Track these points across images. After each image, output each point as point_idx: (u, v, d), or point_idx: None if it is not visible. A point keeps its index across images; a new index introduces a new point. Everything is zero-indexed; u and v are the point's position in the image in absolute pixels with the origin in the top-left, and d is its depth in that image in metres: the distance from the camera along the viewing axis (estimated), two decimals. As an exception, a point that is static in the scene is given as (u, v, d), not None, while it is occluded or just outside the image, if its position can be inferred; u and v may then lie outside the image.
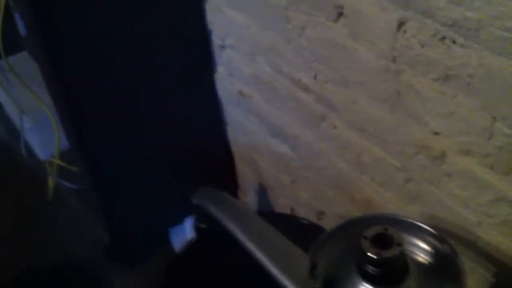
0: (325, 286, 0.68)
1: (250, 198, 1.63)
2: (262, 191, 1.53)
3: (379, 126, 0.96)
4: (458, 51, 0.74)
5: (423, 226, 0.71)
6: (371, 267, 0.64)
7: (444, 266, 0.68)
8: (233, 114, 1.48)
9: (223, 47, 1.35)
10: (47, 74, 1.22)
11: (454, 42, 0.74)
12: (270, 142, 1.36)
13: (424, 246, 0.70)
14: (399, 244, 0.63)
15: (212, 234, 1.14)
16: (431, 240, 0.70)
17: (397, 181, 0.97)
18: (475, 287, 0.86)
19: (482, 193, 0.80)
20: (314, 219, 1.29)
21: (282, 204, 1.46)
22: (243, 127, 1.45)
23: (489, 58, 0.70)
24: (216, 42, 1.36)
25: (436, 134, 0.84)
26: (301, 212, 1.37)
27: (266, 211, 1.53)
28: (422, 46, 0.79)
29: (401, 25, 0.81)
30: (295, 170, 1.31)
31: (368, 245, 0.64)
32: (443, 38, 0.75)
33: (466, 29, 0.71)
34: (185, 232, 1.54)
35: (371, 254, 0.63)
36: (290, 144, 1.28)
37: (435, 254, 0.69)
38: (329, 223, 1.25)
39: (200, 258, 1.13)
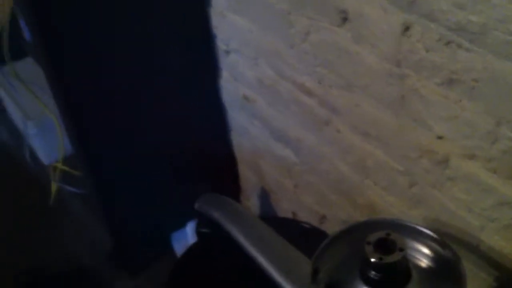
0: (327, 291, 0.68)
1: (252, 202, 1.63)
2: (265, 195, 1.53)
3: (383, 130, 0.96)
4: (463, 55, 0.74)
5: (426, 231, 0.71)
6: (374, 272, 0.64)
7: (446, 271, 0.67)
8: (236, 118, 1.48)
9: (228, 52, 1.35)
10: (48, 74, 1.22)
11: (459, 46, 0.73)
12: (273, 146, 1.35)
13: (426, 251, 0.70)
14: (402, 249, 0.63)
15: (214, 238, 1.14)
16: (433, 245, 0.70)
17: (400, 185, 0.97)
18: (478, 293, 0.86)
19: (486, 197, 0.80)
20: (316, 224, 1.29)
21: (285, 208, 1.46)
22: (247, 131, 1.45)
23: (493, 62, 0.69)
24: (221, 47, 1.36)
25: (440, 138, 0.84)
26: (303, 216, 1.37)
27: (268, 216, 1.53)
28: (427, 51, 0.79)
29: (405, 29, 0.81)
30: (298, 174, 1.31)
31: (370, 250, 0.63)
32: (448, 43, 0.75)
33: (470, 33, 0.70)
34: (187, 236, 1.53)
35: (374, 259, 0.63)
36: (293, 148, 1.28)
37: (437, 259, 0.69)
38: (331, 228, 1.25)
39: (202, 263, 1.12)
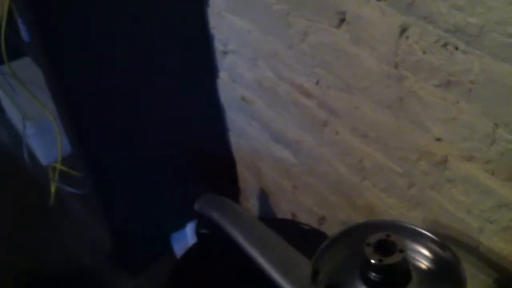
0: (327, 293, 0.68)
1: (251, 203, 1.63)
2: (264, 197, 1.53)
3: (381, 132, 0.96)
4: (460, 57, 0.74)
5: (425, 232, 0.71)
6: (373, 274, 0.64)
7: (445, 273, 0.67)
8: (235, 119, 1.48)
9: (225, 53, 1.35)
10: (47, 74, 1.22)
11: (457, 48, 0.74)
12: (272, 148, 1.36)
13: (426, 252, 0.70)
14: (401, 250, 0.63)
15: (214, 239, 1.14)
16: (433, 246, 0.70)
17: (399, 187, 0.97)
18: (477, 294, 0.86)
19: (484, 199, 0.80)
20: (315, 225, 1.29)
21: (284, 209, 1.46)
22: (245, 133, 1.45)
23: (491, 64, 0.70)
24: (218, 47, 1.36)
25: (438, 140, 0.84)
26: (302, 217, 1.37)
27: (268, 217, 1.53)
28: (424, 52, 0.79)
29: (403, 31, 0.81)
30: (297, 176, 1.31)
31: (370, 251, 0.64)
32: (446, 44, 0.75)
33: (468, 35, 0.71)
34: (187, 237, 1.53)
35: (374, 261, 0.63)
36: (292, 149, 1.28)
37: (437, 260, 0.69)
38: (330, 229, 1.25)
39: (201, 263, 1.12)
